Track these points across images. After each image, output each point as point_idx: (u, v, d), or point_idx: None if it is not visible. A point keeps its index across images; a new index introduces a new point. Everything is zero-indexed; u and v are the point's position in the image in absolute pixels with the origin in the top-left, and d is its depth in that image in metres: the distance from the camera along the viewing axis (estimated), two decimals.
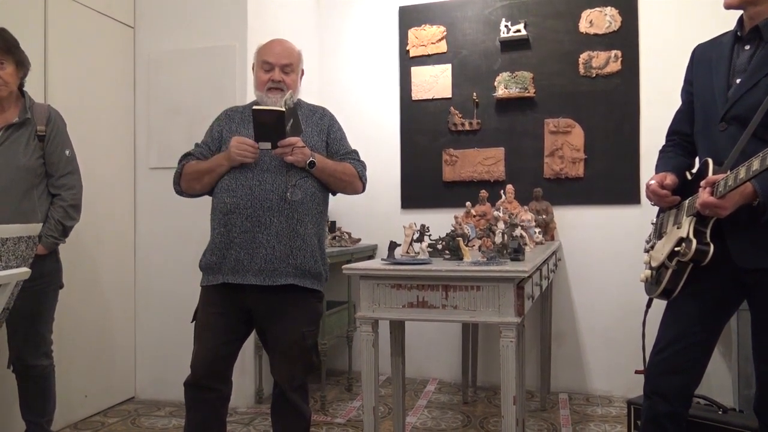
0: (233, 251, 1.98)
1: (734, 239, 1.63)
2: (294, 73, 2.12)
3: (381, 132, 4.04)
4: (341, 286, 3.70)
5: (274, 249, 1.96)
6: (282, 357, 2.04)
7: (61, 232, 2.39)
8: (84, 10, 3.12)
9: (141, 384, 3.49)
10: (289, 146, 1.94)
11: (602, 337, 3.59)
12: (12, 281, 1.62)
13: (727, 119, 1.67)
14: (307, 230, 2.01)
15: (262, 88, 2.08)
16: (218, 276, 2.01)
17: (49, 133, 2.38)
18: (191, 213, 3.12)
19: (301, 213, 2.00)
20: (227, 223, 1.99)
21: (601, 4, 3.64)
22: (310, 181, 2.04)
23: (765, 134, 1.58)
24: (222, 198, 2.01)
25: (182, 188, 2.14)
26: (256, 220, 1.96)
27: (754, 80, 1.63)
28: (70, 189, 2.43)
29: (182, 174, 2.11)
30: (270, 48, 2.12)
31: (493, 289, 1.92)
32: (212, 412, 2.05)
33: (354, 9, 4.17)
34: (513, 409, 1.91)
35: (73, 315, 3.02)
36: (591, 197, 3.62)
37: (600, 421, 3.12)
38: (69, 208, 2.42)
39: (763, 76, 1.62)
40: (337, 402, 3.45)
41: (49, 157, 2.38)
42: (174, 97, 3.40)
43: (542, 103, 3.73)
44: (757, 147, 1.55)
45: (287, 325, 2.01)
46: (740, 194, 1.55)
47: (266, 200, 1.96)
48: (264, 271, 1.96)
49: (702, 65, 1.82)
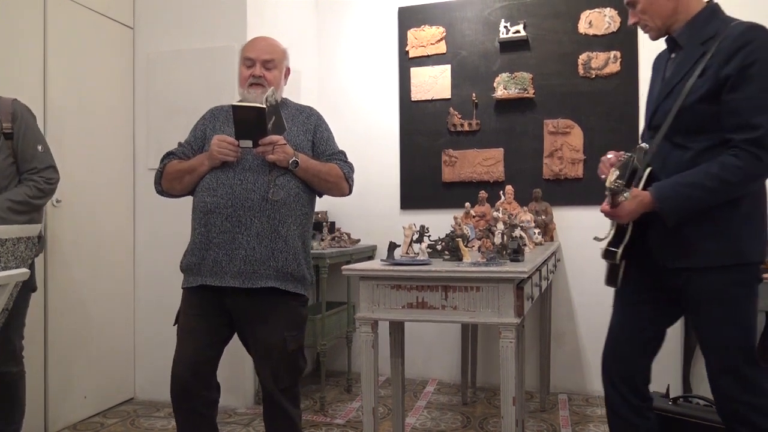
0: (212, 252, 1.93)
1: (653, 240, 1.70)
2: (276, 70, 2.07)
3: (380, 133, 4.04)
4: (341, 286, 3.70)
5: (254, 250, 1.91)
6: (264, 361, 1.98)
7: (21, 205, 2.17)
8: (83, 11, 3.12)
9: (140, 385, 3.48)
10: (270, 144, 1.90)
11: (602, 337, 3.53)
12: (11, 282, 1.61)
13: (652, 127, 1.74)
14: (289, 231, 1.96)
15: (243, 84, 2.06)
16: (197, 278, 1.97)
17: (17, 130, 2.22)
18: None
19: (283, 213, 1.95)
20: (207, 223, 1.94)
21: (600, 5, 3.64)
22: (294, 181, 1.99)
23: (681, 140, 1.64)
24: (202, 197, 1.97)
25: (163, 188, 2.10)
26: (236, 221, 1.91)
27: (669, 88, 1.69)
28: (48, 180, 2.29)
29: (163, 173, 2.07)
30: (252, 44, 2.10)
31: (493, 290, 1.92)
32: (200, 419, 1.99)
33: (353, 10, 4.17)
34: (512, 409, 1.91)
35: (71, 316, 3.02)
36: (590, 198, 3.61)
37: (599, 422, 3.12)
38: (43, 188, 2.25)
39: (676, 83, 1.67)
40: (337, 403, 3.45)
41: (21, 154, 2.24)
42: (173, 97, 3.40)
43: (541, 103, 3.73)
44: (671, 152, 1.65)
45: (268, 330, 1.95)
46: (638, 203, 1.62)
47: (247, 200, 1.91)
48: (243, 273, 1.91)
49: (654, 74, 1.88)
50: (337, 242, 3.67)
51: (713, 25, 1.65)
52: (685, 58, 1.67)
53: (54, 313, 2.91)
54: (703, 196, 1.58)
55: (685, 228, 1.62)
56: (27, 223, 2.22)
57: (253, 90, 2.03)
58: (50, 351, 2.90)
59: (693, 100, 1.61)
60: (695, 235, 1.63)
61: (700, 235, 1.62)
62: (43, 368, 2.87)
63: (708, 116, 1.59)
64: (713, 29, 1.63)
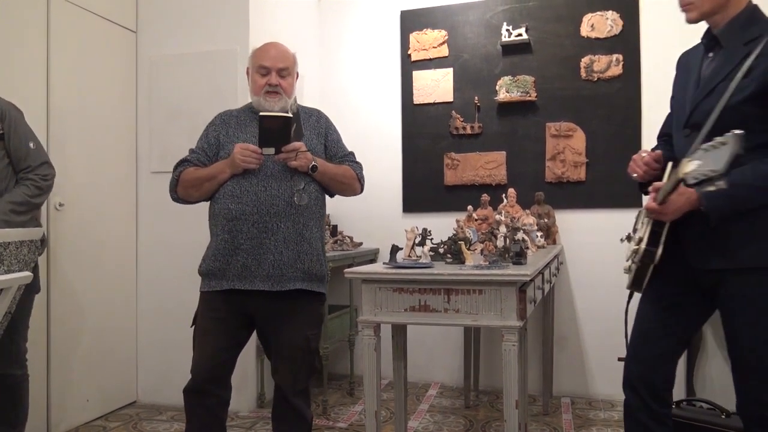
0: (240, 257, 1.97)
1: (689, 241, 1.68)
2: (290, 77, 2.11)
3: (382, 136, 4.04)
4: (343, 290, 3.70)
5: (281, 254, 1.96)
6: (286, 361, 2.03)
7: (22, 206, 2.18)
8: (86, 15, 3.13)
9: (142, 388, 3.48)
10: (293, 151, 1.94)
11: (604, 340, 3.58)
12: (14, 285, 1.62)
13: (690, 125, 1.71)
14: (312, 234, 2.03)
15: (259, 92, 2.07)
16: (222, 282, 2.00)
17: (7, 129, 2.21)
18: (193, 217, 3.13)
19: (306, 217, 2.01)
20: (232, 229, 1.97)
21: (602, 8, 3.64)
22: (314, 185, 2.05)
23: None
24: (226, 204, 1.99)
25: (179, 195, 2.11)
26: (263, 226, 1.95)
27: (710, 87, 1.67)
28: (44, 177, 2.29)
29: (179, 181, 2.08)
30: (265, 51, 2.11)
31: (496, 293, 1.92)
32: (212, 417, 2.05)
33: (355, 13, 4.18)
34: (515, 413, 1.90)
35: (74, 319, 3.03)
36: (593, 201, 3.61)
37: (602, 425, 3.11)
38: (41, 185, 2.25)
39: (719, 83, 1.65)
40: (339, 406, 3.45)
41: (14, 153, 2.23)
42: (176, 100, 3.41)
43: (544, 106, 3.73)
44: None
45: (292, 330, 2.01)
46: (686, 200, 1.59)
47: (273, 206, 1.96)
48: (272, 277, 1.96)
49: (683, 72, 1.86)
50: (339, 245, 3.67)
51: (758, 26, 1.63)
52: (728, 57, 1.65)
53: (56, 316, 2.91)
54: (750, 196, 1.56)
55: (722, 228, 1.59)
56: (29, 222, 2.23)
57: (269, 98, 2.05)
58: (53, 354, 2.90)
59: (738, 100, 1.58)
60: (733, 235, 1.60)
61: (738, 235, 1.60)
62: (46, 371, 2.87)
63: (753, 117, 1.57)
64: (758, 30, 1.62)
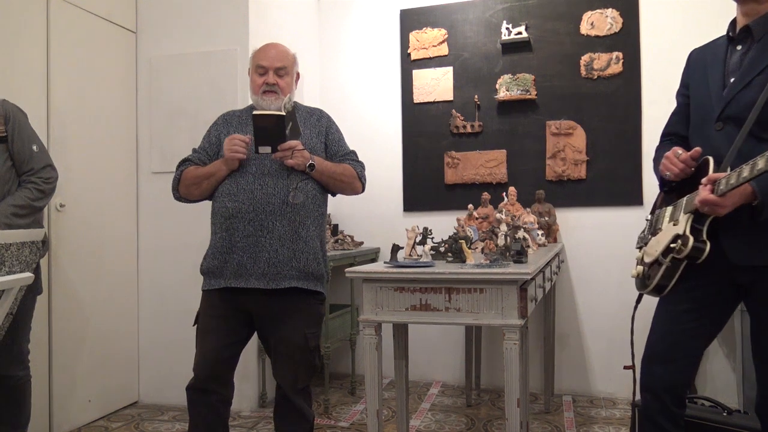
0: (236, 255, 1.98)
1: (731, 237, 1.64)
2: (288, 76, 2.13)
3: (383, 135, 4.04)
4: (344, 289, 3.70)
5: (277, 252, 1.97)
6: (285, 360, 2.04)
7: (24, 209, 2.18)
8: (86, 15, 3.13)
9: (144, 388, 3.48)
10: (289, 149, 1.96)
11: (606, 338, 3.58)
12: (16, 286, 1.62)
13: (723, 119, 1.68)
14: (309, 232, 2.03)
15: (257, 91, 2.10)
16: (220, 280, 2.02)
17: (11, 132, 2.20)
18: (194, 217, 3.14)
19: (302, 216, 2.01)
20: (229, 227, 1.99)
21: (602, 6, 3.64)
22: (311, 184, 2.05)
23: (761, 133, 1.60)
24: (223, 202, 2.01)
25: (181, 194, 2.14)
26: (259, 224, 1.97)
27: (747, 79, 1.65)
28: (47, 180, 2.28)
29: (181, 180, 2.11)
30: (264, 52, 2.13)
31: (497, 292, 1.92)
32: (215, 415, 2.06)
33: (355, 12, 4.18)
34: (517, 411, 1.90)
35: (76, 319, 3.03)
36: (593, 199, 3.62)
37: (604, 423, 3.11)
38: (43, 188, 2.24)
39: (756, 75, 1.63)
40: (341, 405, 3.45)
41: (18, 156, 2.22)
42: (176, 101, 3.41)
43: (544, 105, 3.73)
44: (752, 145, 1.58)
45: (290, 328, 2.01)
46: (739, 194, 1.55)
47: (268, 204, 1.97)
48: (267, 275, 1.97)
49: (698, 67, 1.84)
50: (340, 245, 3.67)
51: None
52: (764, 50, 1.64)
53: (58, 316, 2.91)
54: None
55: (763, 224, 1.58)
56: (31, 225, 2.23)
57: (267, 97, 2.07)
58: (54, 354, 2.90)
59: None
60: None
61: None
62: (48, 372, 2.88)
63: None
64: None
